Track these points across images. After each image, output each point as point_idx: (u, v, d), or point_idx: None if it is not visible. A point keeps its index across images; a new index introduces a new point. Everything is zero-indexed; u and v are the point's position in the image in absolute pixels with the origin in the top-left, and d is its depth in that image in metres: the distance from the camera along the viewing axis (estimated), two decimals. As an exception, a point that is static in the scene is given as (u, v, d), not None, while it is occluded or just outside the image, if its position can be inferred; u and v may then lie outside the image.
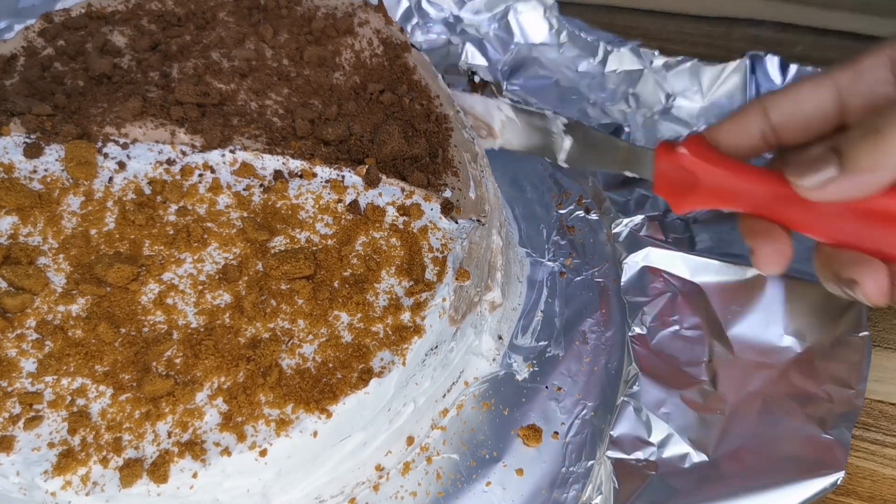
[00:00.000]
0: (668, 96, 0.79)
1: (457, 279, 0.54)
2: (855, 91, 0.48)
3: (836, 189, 0.45)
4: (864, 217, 0.48)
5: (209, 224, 0.55)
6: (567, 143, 0.64)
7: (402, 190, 0.58)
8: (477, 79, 0.83)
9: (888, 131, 0.42)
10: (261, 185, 0.58)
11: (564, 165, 0.66)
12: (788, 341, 0.61)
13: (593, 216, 0.72)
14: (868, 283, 0.48)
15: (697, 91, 0.79)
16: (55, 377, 0.48)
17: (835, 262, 0.50)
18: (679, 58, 0.79)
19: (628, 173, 0.59)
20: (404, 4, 0.90)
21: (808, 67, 0.75)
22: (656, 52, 0.80)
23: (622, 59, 0.82)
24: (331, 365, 0.49)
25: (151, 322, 0.51)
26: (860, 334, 0.60)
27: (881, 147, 0.42)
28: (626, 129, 0.77)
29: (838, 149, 0.44)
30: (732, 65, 0.77)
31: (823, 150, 0.45)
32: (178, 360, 0.49)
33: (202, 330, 0.50)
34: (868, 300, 0.48)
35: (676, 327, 0.62)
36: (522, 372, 0.62)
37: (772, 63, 0.76)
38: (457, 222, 0.57)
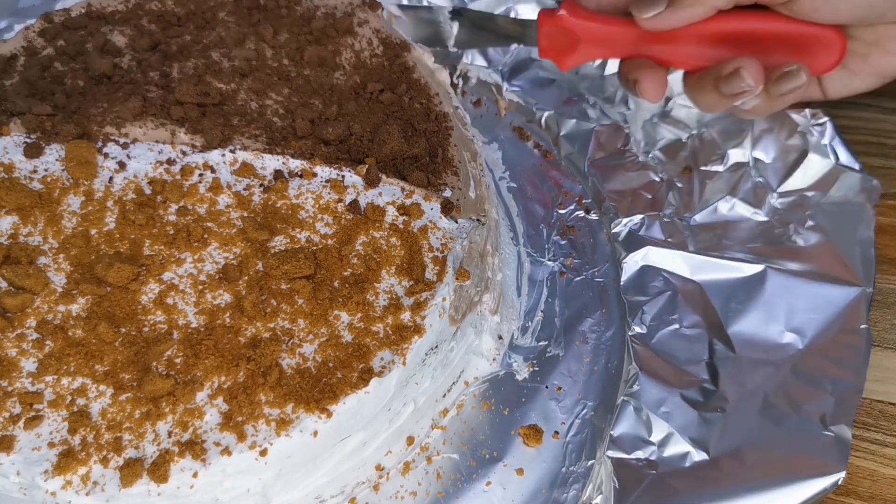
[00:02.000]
0: (667, 99, 0.79)
1: (457, 279, 0.54)
2: None
3: (665, 20, 0.61)
4: (708, 40, 0.64)
5: (209, 224, 0.55)
6: (454, 28, 0.75)
7: (402, 189, 0.58)
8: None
9: None
10: (261, 185, 0.58)
11: (454, 50, 0.75)
12: (789, 339, 0.61)
13: (593, 216, 0.73)
14: (646, 82, 0.65)
15: (697, 94, 0.79)
16: (55, 377, 0.48)
17: (624, 68, 0.67)
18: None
19: (514, 45, 0.73)
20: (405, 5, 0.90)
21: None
22: None
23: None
24: (331, 364, 0.49)
25: (152, 322, 0.51)
26: (861, 326, 0.60)
27: None
28: (626, 131, 0.77)
29: None
30: None
31: None
32: (178, 360, 0.49)
33: (202, 330, 0.50)
34: (643, 95, 0.65)
35: (676, 326, 0.62)
36: (522, 372, 0.62)
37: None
38: (457, 222, 0.57)
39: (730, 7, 0.61)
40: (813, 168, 0.71)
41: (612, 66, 0.82)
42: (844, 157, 0.70)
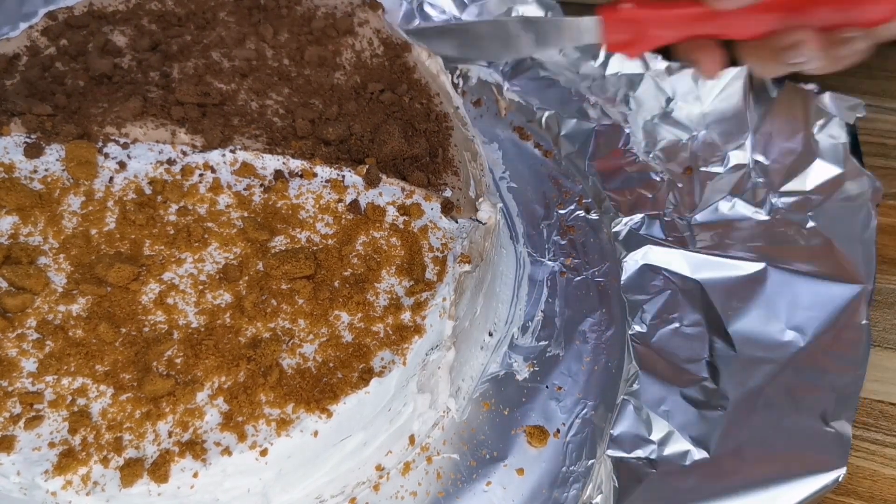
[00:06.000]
0: (668, 100, 0.79)
1: (457, 279, 0.54)
2: None
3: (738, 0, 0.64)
4: (766, 9, 0.67)
5: (210, 224, 0.55)
6: (509, 37, 0.79)
7: (403, 189, 0.58)
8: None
9: None
10: (261, 185, 0.58)
11: (511, 57, 0.81)
12: (790, 336, 0.60)
13: (593, 216, 0.73)
14: (706, 61, 0.71)
15: (697, 96, 0.78)
16: (56, 377, 0.48)
17: (680, 49, 0.74)
18: (679, 62, 0.79)
19: (577, 43, 0.77)
20: (405, 6, 0.90)
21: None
22: (656, 56, 0.80)
23: (623, 62, 0.82)
24: (331, 364, 0.49)
25: (152, 322, 0.51)
26: (861, 322, 0.60)
27: None
28: (627, 131, 0.77)
29: None
30: (733, 71, 0.77)
31: None
32: (178, 360, 0.49)
33: (203, 330, 0.50)
34: (705, 73, 0.72)
35: (677, 324, 0.62)
36: (523, 372, 0.62)
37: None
38: (457, 222, 0.57)
39: None
40: (819, 173, 0.70)
41: (614, 65, 0.82)
42: (854, 164, 0.70)
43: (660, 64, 0.80)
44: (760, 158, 0.73)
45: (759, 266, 0.64)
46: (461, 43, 0.80)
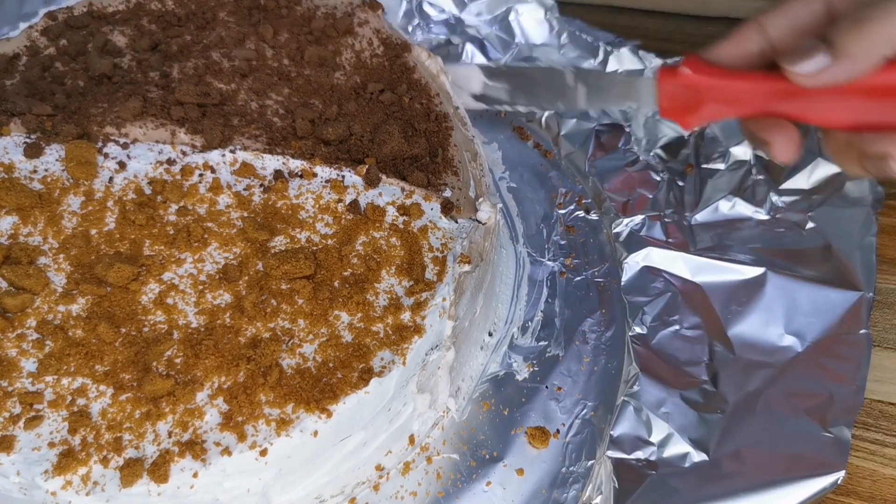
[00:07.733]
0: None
1: (457, 279, 0.54)
2: None
3: (829, 75, 0.49)
4: (865, 95, 0.51)
5: (209, 224, 0.55)
6: (579, 90, 0.67)
7: (402, 189, 0.58)
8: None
9: (873, 19, 0.47)
10: (261, 185, 0.58)
11: (562, 109, 0.72)
12: (789, 341, 0.61)
13: (593, 216, 0.73)
14: (779, 145, 0.55)
15: (698, 90, 0.78)
16: (55, 377, 0.48)
17: (751, 126, 0.57)
18: (679, 58, 0.79)
19: (632, 105, 0.63)
20: (405, 5, 0.90)
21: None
22: (654, 55, 0.80)
23: (622, 60, 0.82)
24: (331, 364, 0.49)
25: (152, 322, 0.51)
26: (860, 332, 0.60)
27: (867, 34, 0.47)
28: (627, 129, 0.77)
29: (828, 38, 0.48)
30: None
31: (814, 41, 0.49)
32: (178, 360, 0.49)
33: (202, 330, 0.50)
34: (776, 159, 0.56)
35: (677, 327, 0.62)
36: (522, 372, 0.62)
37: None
38: (457, 222, 0.57)
39: None
40: (820, 170, 0.70)
41: (613, 63, 0.82)
42: None
43: (658, 60, 0.80)
44: (762, 154, 0.73)
45: (759, 271, 0.64)
46: (513, 87, 0.70)
